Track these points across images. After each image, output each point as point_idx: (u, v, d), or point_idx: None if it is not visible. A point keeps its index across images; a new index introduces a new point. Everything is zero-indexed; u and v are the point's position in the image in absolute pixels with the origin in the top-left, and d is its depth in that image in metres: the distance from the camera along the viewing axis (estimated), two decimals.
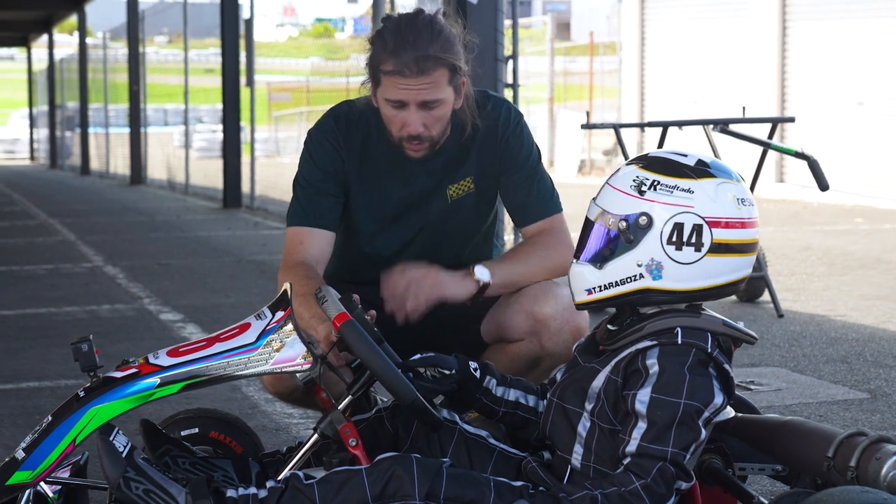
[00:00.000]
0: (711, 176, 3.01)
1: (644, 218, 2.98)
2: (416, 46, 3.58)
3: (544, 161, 3.97)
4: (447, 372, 3.23)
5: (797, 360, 6.19)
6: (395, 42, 3.60)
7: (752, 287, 7.81)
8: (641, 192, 3.00)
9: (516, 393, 3.30)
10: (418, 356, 3.25)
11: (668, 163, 3.04)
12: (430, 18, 3.66)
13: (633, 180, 3.02)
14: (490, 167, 3.88)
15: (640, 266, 2.99)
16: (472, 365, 3.27)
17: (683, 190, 2.98)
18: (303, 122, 29.04)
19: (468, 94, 3.76)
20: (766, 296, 7.81)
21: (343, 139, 3.86)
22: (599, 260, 3.05)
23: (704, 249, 2.96)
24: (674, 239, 2.96)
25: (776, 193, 17.26)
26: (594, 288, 3.05)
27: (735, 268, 3.00)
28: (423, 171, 3.83)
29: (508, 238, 8.24)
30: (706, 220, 2.96)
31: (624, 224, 3.00)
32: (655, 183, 3.00)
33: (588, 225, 3.10)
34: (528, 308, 3.74)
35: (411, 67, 3.58)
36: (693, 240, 2.96)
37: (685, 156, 3.07)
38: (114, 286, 9.33)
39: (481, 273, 3.68)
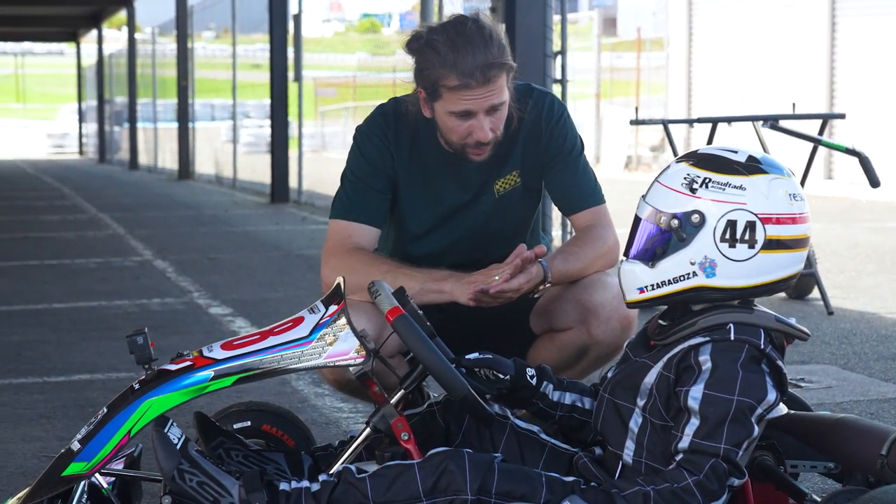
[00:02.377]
0: (763, 172, 3.00)
1: (696, 216, 2.98)
2: (476, 56, 3.58)
3: (591, 157, 3.99)
4: (502, 376, 3.23)
5: (847, 357, 6.16)
6: (453, 56, 3.59)
7: (802, 284, 7.77)
8: (693, 190, 2.99)
9: (572, 396, 3.29)
10: (476, 355, 3.24)
11: (718, 160, 3.03)
12: (477, 23, 3.65)
13: (685, 178, 3.02)
14: (535, 159, 3.89)
15: (693, 264, 2.98)
16: (530, 372, 3.26)
17: (735, 187, 2.97)
18: (349, 118, 29.08)
19: (511, 88, 3.77)
20: (815, 293, 7.77)
21: (393, 136, 3.86)
22: (651, 258, 3.04)
23: (758, 246, 2.95)
24: (727, 236, 2.95)
25: (825, 190, 17.15)
26: (647, 286, 3.04)
27: (788, 263, 3.00)
28: (474, 167, 3.83)
29: (556, 234, 8.23)
30: (759, 216, 2.95)
31: (676, 222, 3.00)
32: (707, 180, 2.99)
33: (638, 223, 3.09)
34: (577, 297, 3.75)
35: (477, 78, 3.59)
36: (746, 237, 2.95)
37: (735, 152, 3.06)
38: (163, 280, 9.39)
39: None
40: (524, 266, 3.57)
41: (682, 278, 3.00)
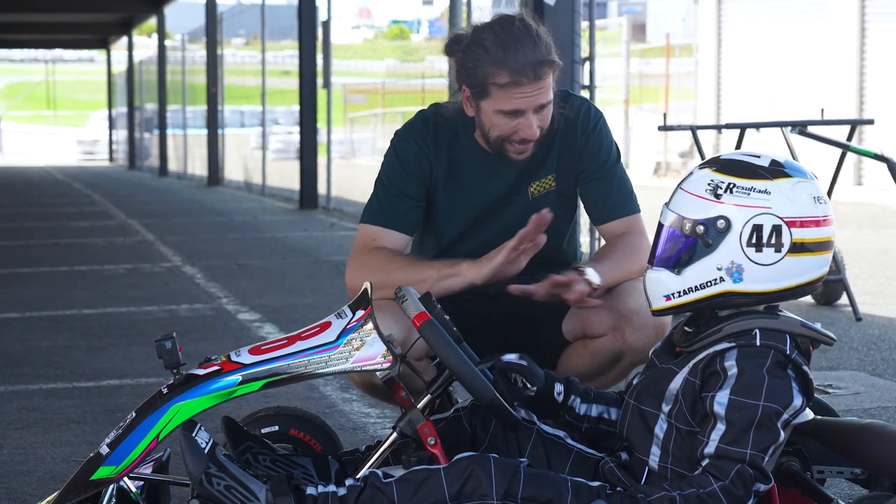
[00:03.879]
0: (787, 176, 3.00)
1: (722, 221, 2.98)
2: (527, 53, 3.61)
3: None
4: (530, 387, 3.24)
5: (875, 363, 6.14)
6: (503, 53, 3.61)
7: (830, 290, 7.75)
8: (717, 196, 3.00)
9: (599, 408, 3.30)
10: (515, 357, 3.23)
11: (742, 165, 3.03)
12: (523, 22, 3.68)
13: (709, 184, 3.02)
14: (570, 165, 3.89)
15: (719, 269, 2.98)
16: (557, 388, 3.25)
17: (760, 191, 2.98)
18: (378, 124, 29.15)
19: (554, 88, 3.78)
20: (843, 299, 7.75)
21: (432, 141, 3.87)
22: (677, 265, 3.04)
23: (784, 250, 2.95)
24: (753, 241, 2.96)
25: (854, 196, 17.09)
26: (673, 293, 3.05)
27: (813, 266, 2.99)
28: (510, 169, 3.84)
29: (584, 240, 8.23)
30: (785, 220, 2.95)
31: (701, 228, 3.00)
32: (731, 186, 2.99)
33: (662, 230, 3.09)
34: (611, 303, 3.74)
35: (528, 75, 3.61)
36: (773, 241, 2.95)
37: (758, 157, 3.06)
38: (192, 286, 9.42)
39: (593, 276, 3.65)
40: (540, 224, 3.53)
41: (709, 284, 3.00)
